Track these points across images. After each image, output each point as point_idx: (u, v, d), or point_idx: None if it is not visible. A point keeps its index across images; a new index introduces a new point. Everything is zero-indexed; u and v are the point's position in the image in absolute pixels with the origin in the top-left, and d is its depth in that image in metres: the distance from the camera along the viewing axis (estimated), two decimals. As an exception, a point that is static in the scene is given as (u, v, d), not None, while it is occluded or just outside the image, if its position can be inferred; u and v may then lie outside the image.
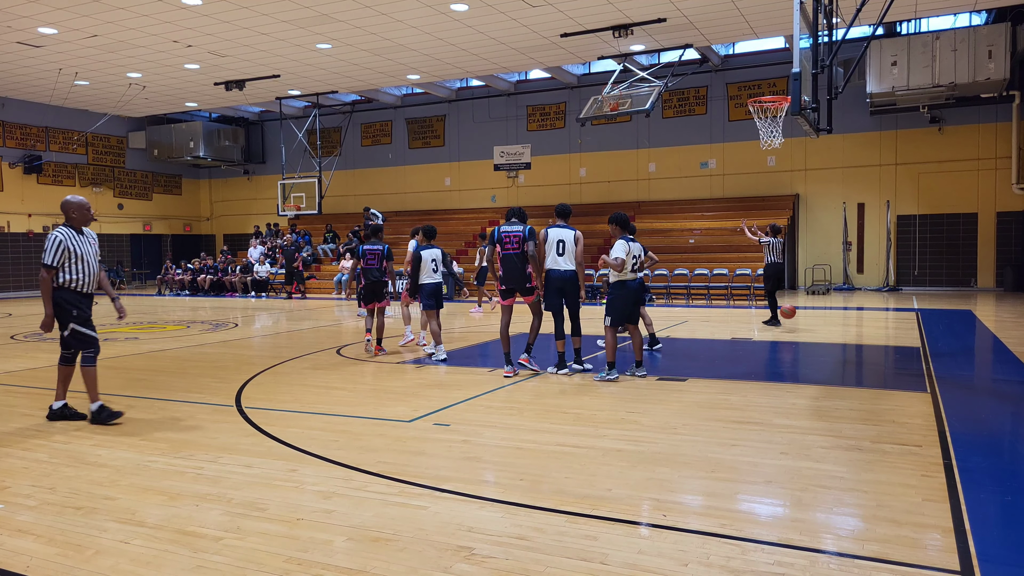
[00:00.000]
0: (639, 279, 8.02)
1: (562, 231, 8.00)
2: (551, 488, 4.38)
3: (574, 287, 7.97)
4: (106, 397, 7.30)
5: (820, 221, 21.63)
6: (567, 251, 7.92)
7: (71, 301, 6.08)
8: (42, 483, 4.62)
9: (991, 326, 12.23)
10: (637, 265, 7.90)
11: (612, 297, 7.84)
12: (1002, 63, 17.10)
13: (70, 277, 6.07)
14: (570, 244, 7.94)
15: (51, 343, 11.80)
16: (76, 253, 6.07)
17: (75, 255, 6.07)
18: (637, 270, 7.90)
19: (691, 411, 6.28)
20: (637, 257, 7.90)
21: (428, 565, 3.34)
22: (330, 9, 15.05)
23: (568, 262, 7.93)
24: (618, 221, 7.95)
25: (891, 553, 3.36)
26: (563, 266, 7.93)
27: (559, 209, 8.19)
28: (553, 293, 8.00)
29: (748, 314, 14.96)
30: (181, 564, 3.41)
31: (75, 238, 6.11)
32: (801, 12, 8.58)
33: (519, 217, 8.25)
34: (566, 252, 7.92)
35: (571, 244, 7.94)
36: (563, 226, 8.06)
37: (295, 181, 24.46)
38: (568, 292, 7.98)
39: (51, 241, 6.00)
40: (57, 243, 5.99)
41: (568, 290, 7.97)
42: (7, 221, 24.50)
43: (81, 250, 6.11)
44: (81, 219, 6.20)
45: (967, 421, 5.95)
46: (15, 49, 17.58)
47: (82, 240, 6.16)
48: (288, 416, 6.36)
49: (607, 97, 17.87)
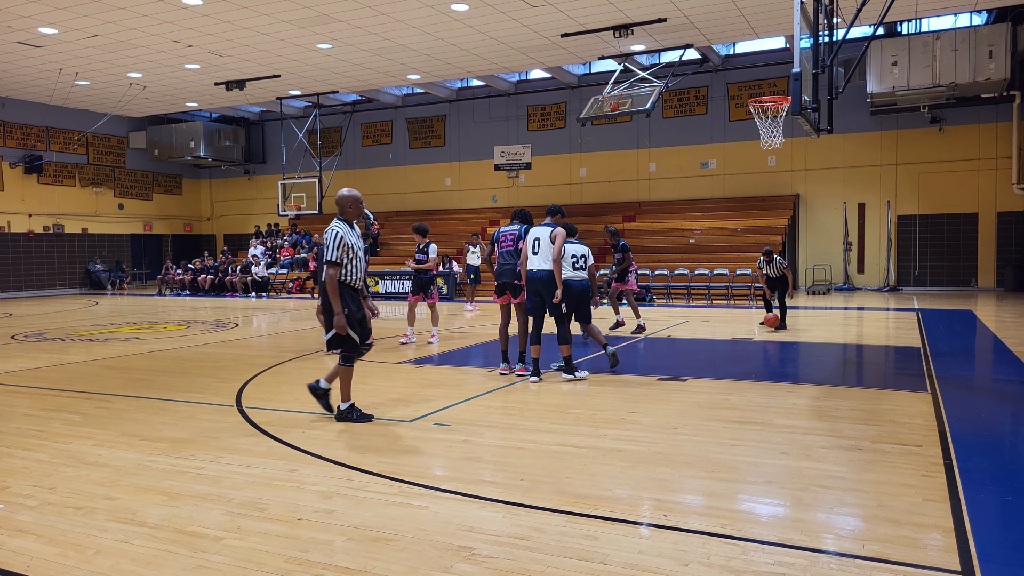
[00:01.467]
0: (583, 280, 7.93)
1: (540, 229, 7.65)
2: (551, 488, 4.38)
3: (549, 289, 7.59)
4: (106, 397, 7.31)
5: (820, 221, 21.63)
6: (541, 249, 7.56)
7: (344, 299, 5.93)
8: (43, 483, 4.62)
9: (991, 326, 12.23)
10: (580, 264, 7.90)
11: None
12: (1002, 63, 17.10)
13: (345, 272, 5.92)
14: (545, 242, 7.54)
15: (51, 343, 11.80)
16: (353, 248, 5.94)
17: (352, 250, 5.93)
18: (580, 270, 7.90)
19: (691, 411, 6.28)
20: (579, 257, 7.92)
21: (428, 565, 3.34)
22: (330, 9, 15.05)
23: (543, 262, 7.55)
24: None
25: (891, 553, 3.36)
26: (537, 266, 7.58)
27: (549, 208, 7.89)
28: (530, 294, 7.70)
29: (748, 314, 14.95)
30: (181, 564, 3.41)
31: (351, 233, 5.97)
32: (801, 12, 8.58)
33: (521, 219, 8.17)
34: (540, 251, 7.56)
35: (546, 242, 7.54)
36: (545, 224, 7.73)
37: (295, 181, 24.47)
38: (544, 294, 7.62)
39: (333, 236, 5.83)
40: (339, 238, 5.82)
41: (544, 292, 7.61)
42: (7, 221, 24.51)
43: (357, 245, 5.99)
44: (356, 213, 6.04)
45: (967, 421, 5.95)
46: (16, 49, 17.58)
47: (355, 234, 6.04)
48: (288, 416, 6.36)
49: (607, 97, 17.87)
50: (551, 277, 7.56)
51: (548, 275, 7.57)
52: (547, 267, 7.57)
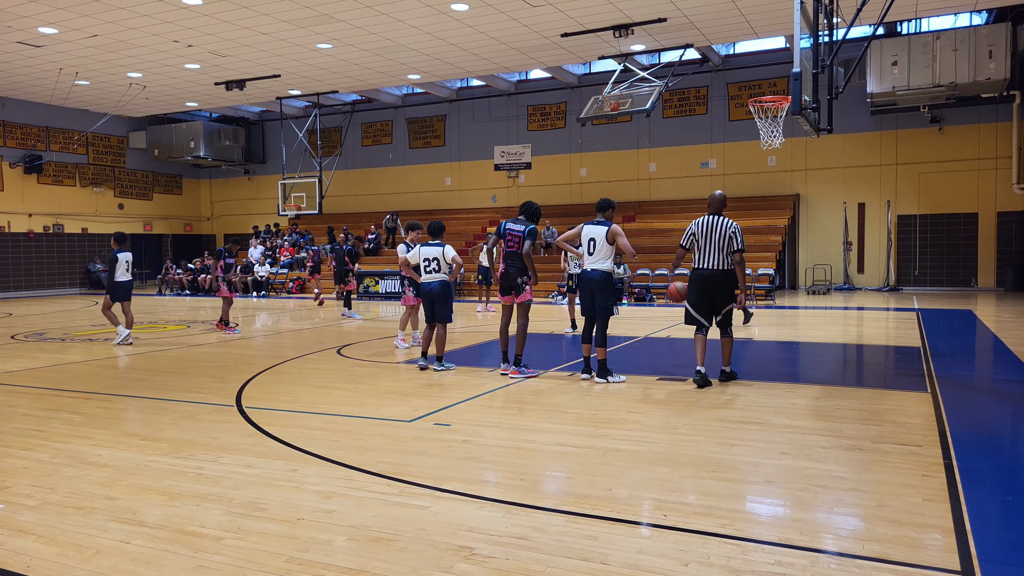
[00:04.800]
0: (433, 282, 8.37)
1: (594, 228, 7.61)
2: (551, 488, 4.38)
3: (603, 288, 7.52)
4: (106, 397, 7.31)
5: (820, 221, 21.63)
6: (598, 249, 7.52)
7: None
8: (43, 483, 4.62)
9: (991, 326, 12.23)
10: (431, 268, 8.37)
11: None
12: (1002, 63, 17.10)
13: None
14: (601, 242, 7.51)
15: (51, 343, 11.80)
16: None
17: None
18: (432, 272, 8.37)
19: (691, 411, 6.28)
20: (430, 260, 8.37)
21: (429, 565, 3.34)
22: (330, 9, 15.05)
23: (599, 262, 7.53)
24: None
25: (891, 553, 3.36)
26: (592, 266, 7.57)
27: (599, 204, 7.81)
28: (583, 294, 7.67)
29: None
30: (181, 564, 3.41)
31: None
32: (801, 12, 8.59)
33: (528, 214, 8.08)
34: (596, 251, 7.52)
35: (602, 242, 7.51)
36: (598, 223, 7.66)
37: (295, 181, 24.47)
38: (597, 293, 7.56)
39: (739, 228, 7.48)
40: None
41: (597, 291, 7.56)
42: (7, 221, 24.51)
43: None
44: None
45: (967, 421, 5.95)
46: (15, 49, 17.58)
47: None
48: (288, 416, 6.36)
49: (607, 97, 17.87)
50: (604, 277, 7.54)
51: (603, 275, 7.54)
52: (602, 267, 7.54)
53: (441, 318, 8.45)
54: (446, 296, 8.46)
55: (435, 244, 8.50)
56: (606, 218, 7.76)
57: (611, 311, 7.65)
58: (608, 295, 7.56)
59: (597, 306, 7.58)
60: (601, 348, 7.61)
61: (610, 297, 7.58)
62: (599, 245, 7.55)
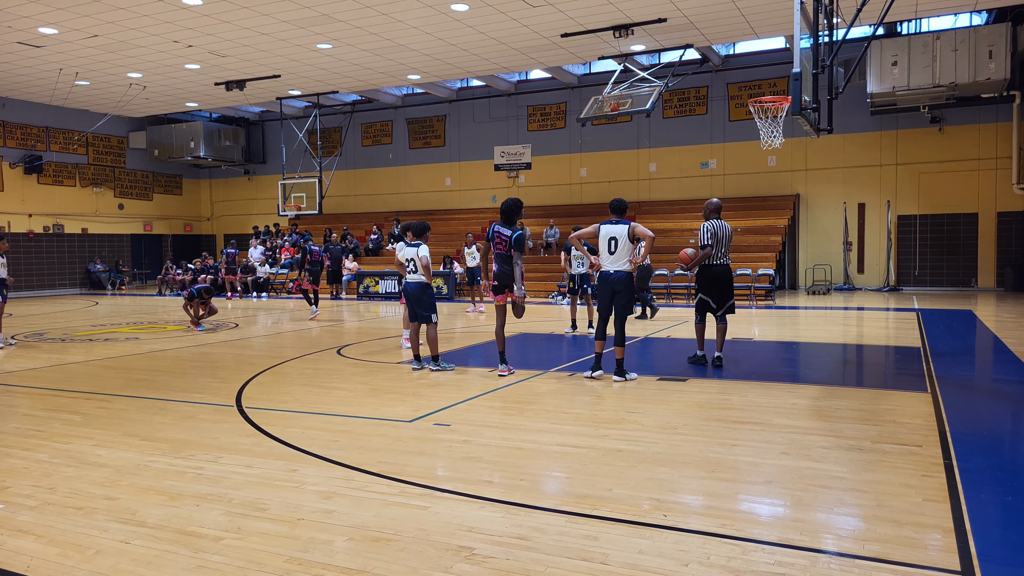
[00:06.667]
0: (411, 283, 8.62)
1: (614, 228, 7.73)
2: (551, 488, 4.38)
3: (623, 287, 7.65)
4: (106, 397, 7.31)
5: (820, 221, 21.62)
6: (619, 249, 7.64)
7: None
8: (43, 483, 4.62)
9: (991, 326, 12.23)
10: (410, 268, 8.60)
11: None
12: (1002, 63, 17.10)
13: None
14: (623, 241, 7.63)
15: (51, 343, 11.80)
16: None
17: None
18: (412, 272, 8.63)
19: (691, 411, 6.28)
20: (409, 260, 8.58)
21: (428, 565, 3.34)
22: (330, 9, 15.05)
23: (619, 263, 7.66)
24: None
25: (891, 553, 3.36)
26: (614, 267, 7.69)
27: (613, 206, 7.97)
28: (602, 293, 7.80)
29: (748, 314, 14.94)
30: (181, 564, 3.41)
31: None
32: (801, 12, 8.58)
33: (506, 213, 8.03)
34: (617, 251, 7.65)
35: (623, 241, 7.64)
36: (616, 222, 7.78)
37: (295, 181, 24.46)
38: (619, 293, 7.67)
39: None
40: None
41: (619, 291, 7.66)
42: (7, 221, 24.50)
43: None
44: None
45: (967, 421, 5.95)
46: (16, 49, 17.58)
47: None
48: (288, 416, 6.36)
49: (607, 97, 17.86)
50: (626, 277, 7.66)
51: (625, 276, 7.67)
52: (624, 268, 7.68)
53: (420, 318, 8.61)
54: (422, 296, 8.55)
55: (413, 244, 8.62)
56: (627, 219, 7.93)
57: (630, 310, 7.92)
58: (629, 295, 7.74)
59: (616, 305, 7.72)
60: (620, 347, 7.73)
61: (631, 297, 7.79)
62: (621, 244, 7.67)
